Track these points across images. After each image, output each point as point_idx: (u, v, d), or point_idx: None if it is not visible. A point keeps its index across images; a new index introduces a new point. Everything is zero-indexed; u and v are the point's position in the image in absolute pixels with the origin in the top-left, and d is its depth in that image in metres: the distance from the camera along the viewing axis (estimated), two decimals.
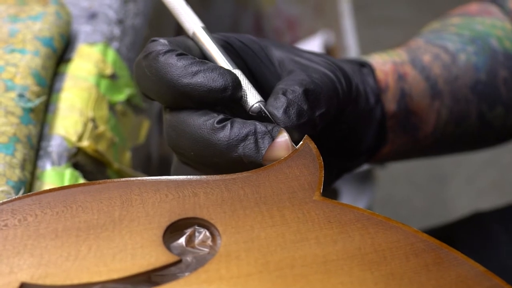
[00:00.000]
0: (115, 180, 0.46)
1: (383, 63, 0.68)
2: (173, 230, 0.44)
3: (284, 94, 0.51)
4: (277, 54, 0.57)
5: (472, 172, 1.95)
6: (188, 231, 0.44)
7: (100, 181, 0.45)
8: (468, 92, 0.71)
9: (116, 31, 0.79)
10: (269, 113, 0.50)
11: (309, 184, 0.47)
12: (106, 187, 0.45)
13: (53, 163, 0.64)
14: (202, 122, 0.49)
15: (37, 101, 0.64)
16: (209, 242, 0.44)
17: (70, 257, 0.41)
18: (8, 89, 0.63)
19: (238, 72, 0.52)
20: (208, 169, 0.51)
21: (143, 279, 0.42)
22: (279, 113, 0.50)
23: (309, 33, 1.64)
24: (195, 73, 0.49)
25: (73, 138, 0.66)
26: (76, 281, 0.40)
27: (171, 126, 0.51)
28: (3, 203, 0.43)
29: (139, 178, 0.46)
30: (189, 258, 0.43)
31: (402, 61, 0.69)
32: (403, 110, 0.67)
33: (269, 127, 0.49)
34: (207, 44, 0.54)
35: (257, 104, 0.51)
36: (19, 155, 0.60)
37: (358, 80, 0.62)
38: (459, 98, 0.70)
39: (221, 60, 0.53)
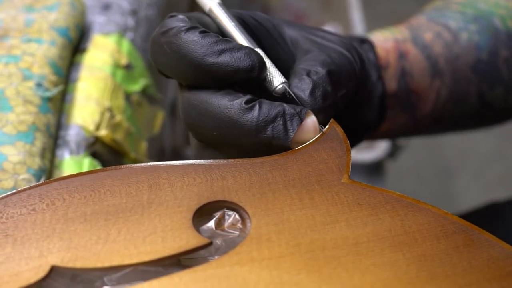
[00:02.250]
0: (142, 164, 0.45)
1: (384, 40, 0.67)
2: (201, 214, 0.44)
3: (308, 75, 0.50)
4: (290, 32, 0.56)
5: (479, 166, 1.95)
6: (217, 214, 0.44)
7: (127, 165, 0.45)
8: (469, 71, 0.70)
9: (130, 21, 0.79)
10: (294, 94, 0.49)
11: (337, 167, 0.47)
12: (134, 171, 0.45)
13: (71, 152, 0.63)
14: (228, 102, 0.48)
15: (54, 90, 0.64)
16: (239, 225, 0.43)
17: (100, 241, 0.41)
18: (25, 78, 0.63)
19: (260, 52, 0.51)
20: (230, 150, 0.50)
21: (173, 262, 0.41)
22: (305, 95, 0.49)
23: (317, 26, 1.63)
24: (221, 52, 0.48)
25: (91, 127, 0.65)
26: (107, 264, 0.39)
27: (191, 105, 0.49)
28: (30, 187, 0.43)
29: (166, 162, 0.46)
30: (218, 241, 0.43)
31: (403, 38, 0.68)
32: (403, 88, 0.66)
33: (298, 109, 0.48)
34: (225, 21, 0.52)
35: (281, 85, 0.50)
36: (38, 143, 0.59)
37: (362, 56, 0.61)
38: (459, 78, 0.70)
39: (242, 38, 0.51)
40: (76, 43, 0.73)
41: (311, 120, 0.48)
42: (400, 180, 1.92)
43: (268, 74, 0.50)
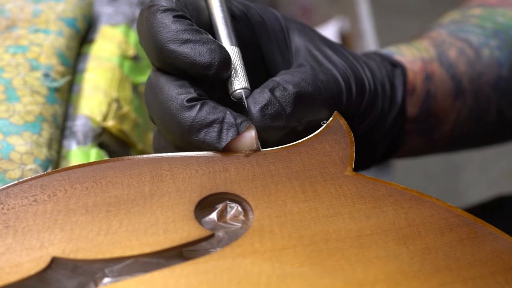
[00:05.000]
0: (144, 156, 0.45)
1: (413, 60, 0.65)
2: (203, 206, 0.43)
3: (272, 89, 0.48)
4: (297, 40, 0.54)
5: (484, 161, 1.94)
6: (220, 206, 0.44)
7: (129, 157, 0.45)
8: (490, 89, 0.69)
9: (138, 12, 0.78)
10: (247, 105, 0.47)
11: (340, 160, 0.47)
12: (136, 162, 0.44)
13: (78, 143, 0.63)
14: (175, 95, 0.46)
15: (62, 81, 0.64)
16: (241, 217, 0.43)
17: (102, 232, 0.41)
18: (33, 68, 0.63)
19: (235, 50, 0.49)
20: (169, 142, 0.49)
21: (175, 254, 0.41)
22: (255, 109, 0.47)
23: (324, 20, 1.62)
24: (184, 41, 0.46)
25: (98, 118, 0.65)
26: (108, 255, 0.39)
27: (149, 86, 0.48)
28: (32, 178, 0.43)
29: (168, 154, 0.45)
30: (220, 233, 0.43)
31: (430, 58, 0.66)
32: (425, 112, 0.65)
33: (239, 120, 0.46)
34: (215, 10, 0.50)
35: (240, 91, 0.48)
36: (45, 134, 0.59)
37: (387, 84, 0.59)
38: (480, 97, 0.68)
39: (223, 32, 0.50)
40: (83, 34, 0.73)
41: (249, 135, 0.46)
42: (407, 175, 1.91)
43: (233, 76, 0.48)
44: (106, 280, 0.40)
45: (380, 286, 0.40)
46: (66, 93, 0.65)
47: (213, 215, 0.43)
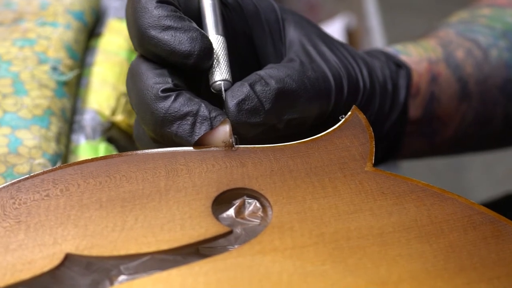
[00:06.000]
0: (159, 149, 0.44)
1: (419, 61, 0.63)
2: (220, 201, 0.42)
3: (252, 84, 0.46)
4: (292, 33, 0.52)
5: (489, 160, 1.93)
6: (237, 202, 0.42)
7: (143, 150, 0.43)
8: (497, 92, 0.67)
9: None
10: (224, 98, 0.46)
11: (360, 155, 0.45)
12: (150, 156, 0.43)
13: (87, 137, 0.62)
14: (152, 84, 0.44)
15: (70, 74, 0.63)
16: (260, 213, 0.42)
17: (116, 228, 0.39)
18: (41, 62, 0.62)
19: (220, 40, 0.47)
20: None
21: (192, 251, 0.40)
22: (231, 103, 0.45)
23: (330, 16, 1.61)
24: (165, 28, 0.44)
25: (107, 112, 0.64)
26: (123, 252, 0.38)
27: (130, 73, 0.47)
28: (44, 172, 0.42)
29: (183, 148, 0.44)
30: (238, 230, 0.41)
31: (437, 58, 0.65)
32: (428, 115, 0.63)
33: (213, 114, 0.44)
34: None
35: (219, 83, 0.46)
36: (54, 128, 0.58)
37: (389, 85, 0.57)
38: (487, 100, 0.67)
39: (209, 20, 0.48)
40: (91, 27, 0.71)
41: (223, 129, 0.44)
42: (412, 173, 1.90)
43: (215, 66, 0.46)
44: (122, 277, 0.38)
45: (404, 286, 0.39)
46: (74, 87, 0.64)
47: (231, 211, 0.42)
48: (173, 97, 0.44)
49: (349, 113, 0.48)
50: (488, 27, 0.70)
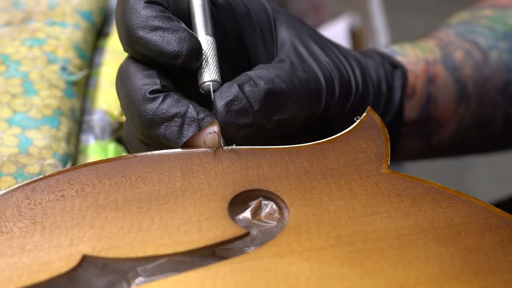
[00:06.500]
0: (174, 150, 0.43)
1: (416, 62, 0.63)
2: (236, 202, 0.42)
3: (241, 84, 0.45)
4: (283, 34, 0.52)
5: (492, 160, 1.93)
6: (253, 204, 0.42)
7: (159, 151, 0.43)
8: (497, 95, 0.67)
9: None
10: (214, 99, 0.45)
11: (375, 156, 0.45)
12: (166, 157, 0.43)
13: (96, 137, 0.61)
14: (140, 86, 0.44)
15: (79, 74, 0.62)
16: (276, 215, 0.42)
17: (133, 229, 0.39)
18: (50, 61, 0.61)
19: (209, 40, 0.47)
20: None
21: (208, 253, 0.40)
22: (220, 103, 0.45)
23: (334, 16, 1.61)
24: (154, 29, 0.44)
25: (115, 112, 0.64)
26: (141, 254, 0.38)
27: (119, 74, 0.46)
28: (59, 173, 0.41)
29: (199, 149, 0.44)
30: (254, 232, 0.41)
31: (434, 59, 0.64)
32: (424, 116, 0.62)
33: (201, 115, 0.43)
34: None
35: (208, 83, 0.46)
36: (64, 128, 0.58)
37: (384, 86, 0.56)
38: (486, 102, 0.66)
39: (199, 20, 0.47)
40: (99, 27, 0.71)
41: (212, 130, 0.44)
42: (415, 174, 1.90)
43: (204, 67, 0.46)
44: (139, 279, 0.38)
45: None
46: (83, 87, 0.64)
47: (247, 213, 0.42)
48: (161, 98, 0.44)
49: (364, 114, 0.48)
50: (489, 28, 0.69)
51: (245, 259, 0.38)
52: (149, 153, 0.43)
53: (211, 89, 0.45)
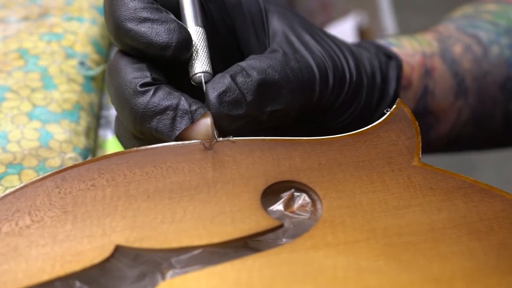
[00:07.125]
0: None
1: (412, 54, 0.62)
2: (267, 194, 0.41)
3: (233, 75, 0.44)
4: (275, 24, 0.50)
5: (499, 159, 1.92)
6: (285, 195, 0.41)
7: (190, 141, 0.42)
8: (497, 90, 0.66)
9: None
10: (205, 90, 0.44)
11: (407, 149, 0.44)
12: (197, 147, 0.42)
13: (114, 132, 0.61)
14: (130, 79, 0.43)
15: (97, 69, 0.62)
16: (309, 207, 0.41)
17: (166, 220, 0.38)
18: (68, 56, 0.61)
19: (199, 31, 0.46)
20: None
21: (241, 244, 0.39)
22: (212, 95, 0.44)
23: (343, 14, 1.60)
24: (142, 20, 0.43)
25: None
26: (175, 244, 0.37)
27: (109, 69, 0.45)
28: (89, 161, 0.41)
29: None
30: (286, 224, 0.40)
31: (432, 52, 0.63)
32: (421, 109, 0.62)
33: (194, 107, 0.43)
34: None
35: (200, 75, 0.45)
36: (83, 122, 0.57)
37: (378, 76, 0.55)
38: (485, 97, 0.65)
39: (188, 11, 0.46)
40: None
41: (205, 122, 0.43)
42: None
43: (194, 58, 0.45)
44: (174, 271, 0.37)
45: (458, 283, 0.38)
46: (101, 82, 0.63)
47: (280, 204, 0.41)
48: (152, 91, 0.43)
49: (394, 106, 0.47)
50: (492, 23, 0.68)
51: (281, 251, 0.37)
52: (180, 142, 0.42)
53: (203, 80, 0.45)
